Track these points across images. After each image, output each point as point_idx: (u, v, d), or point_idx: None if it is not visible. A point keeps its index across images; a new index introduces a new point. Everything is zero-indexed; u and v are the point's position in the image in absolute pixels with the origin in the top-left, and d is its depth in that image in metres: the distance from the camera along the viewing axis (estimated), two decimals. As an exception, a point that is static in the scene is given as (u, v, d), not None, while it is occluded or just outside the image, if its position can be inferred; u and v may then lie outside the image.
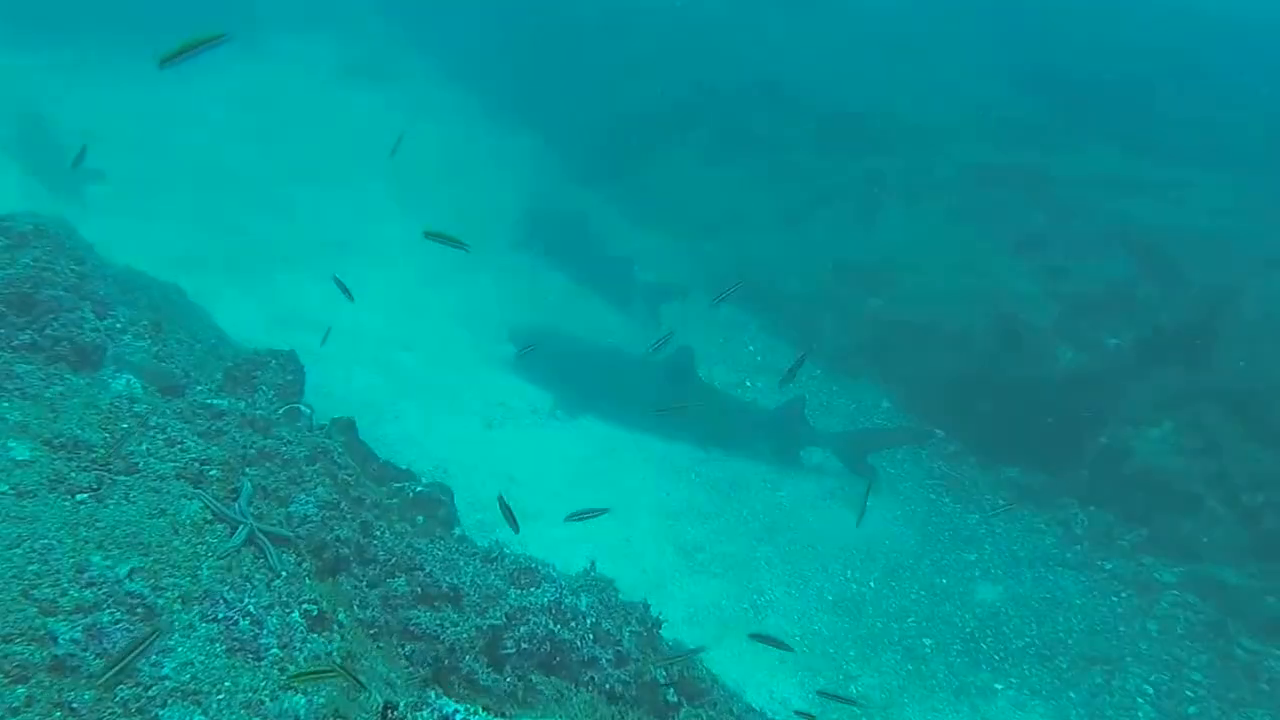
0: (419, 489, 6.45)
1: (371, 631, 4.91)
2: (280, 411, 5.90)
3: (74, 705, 3.57)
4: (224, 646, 3.92)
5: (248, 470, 5.12)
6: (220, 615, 4.00)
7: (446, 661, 5.03)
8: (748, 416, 12.92)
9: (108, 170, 16.10)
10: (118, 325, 6.23)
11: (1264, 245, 13.94)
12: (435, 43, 24.77)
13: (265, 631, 4.03)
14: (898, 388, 14.22)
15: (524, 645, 5.20)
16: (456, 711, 4.38)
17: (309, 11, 25.21)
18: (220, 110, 20.13)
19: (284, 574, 4.33)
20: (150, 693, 3.68)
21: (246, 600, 4.09)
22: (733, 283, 9.71)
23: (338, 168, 18.38)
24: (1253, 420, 12.12)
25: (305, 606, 4.24)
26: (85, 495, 4.38)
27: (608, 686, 5.39)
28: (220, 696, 3.75)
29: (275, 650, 4.00)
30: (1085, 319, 13.26)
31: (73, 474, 4.47)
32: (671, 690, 5.65)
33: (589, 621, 5.45)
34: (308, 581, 4.47)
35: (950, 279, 14.48)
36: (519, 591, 5.40)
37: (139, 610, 3.92)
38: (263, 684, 3.86)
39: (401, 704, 4.14)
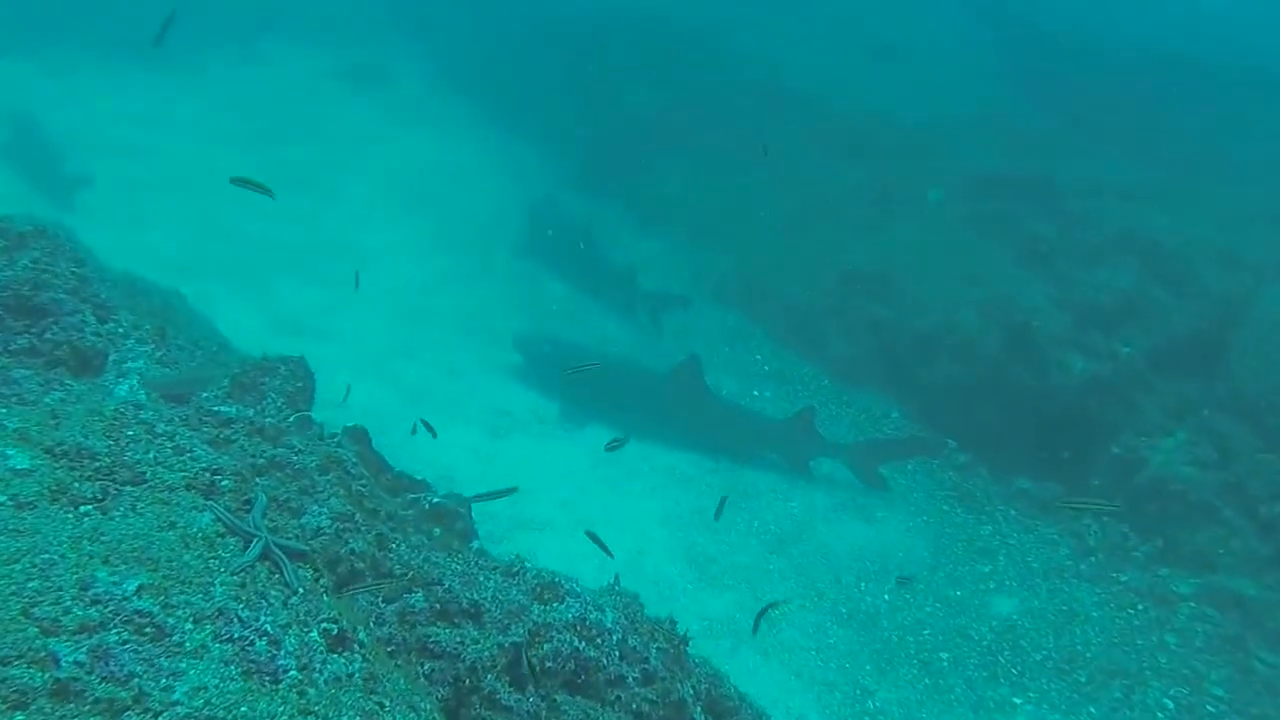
0: (435, 500, 6.20)
1: (389, 649, 4.66)
2: (291, 419, 5.65)
3: (78, 732, 3.31)
4: (239, 669, 3.65)
5: (258, 480, 4.87)
6: (235, 635, 3.73)
7: (467, 681, 4.79)
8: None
9: (101, 175, 15.89)
10: (120, 330, 5.98)
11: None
12: (432, 49, 24.63)
13: (283, 652, 3.76)
14: (906, 398, 14.05)
15: (548, 663, 4.96)
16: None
17: (305, 18, 25.05)
18: (216, 116, 19.95)
19: (301, 590, 4.08)
20: None
21: (262, 618, 3.82)
22: (591, 361, 9.94)
23: (335, 173, 18.20)
24: (1268, 430, 11.99)
25: (324, 625, 3.98)
26: (89, 506, 4.12)
27: (634, 706, 5.15)
28: (235, 723, 3.50)
29: (294, 672, 3.73)
30: (1096, 328, 13.09)
31: (76, 484, 4.21)
32: (699, 709, 5.41)
33: (615, 638, 5.20)
34: (325, 598, 4.22)
35: (959, 288, 14.30)
36: (542, 607, 5.15)
37: (148, 630, 3.66)
38: (281, 709, 3.60)
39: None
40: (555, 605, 5.21)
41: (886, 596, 10.71)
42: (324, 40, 24.58)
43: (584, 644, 5.09)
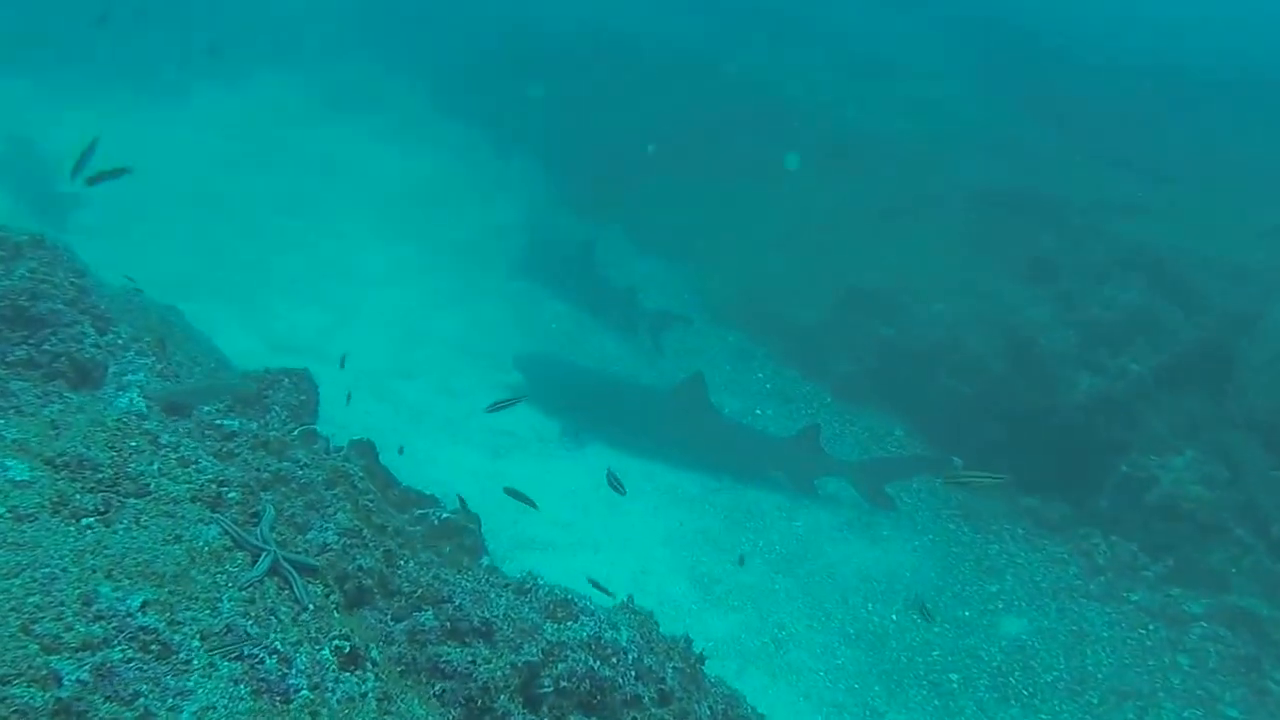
0: (444, 515, 6.04)
1: (399, 669, 4.50)
2: (295, 433, 5.50)
3: (80, 755, 3.15)
4: (249, 688, 3.50)
5: (264, 494, 4.72)
6: (244, 652, 3.59)
7: (479, 702, 4.62)
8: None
9: (93, 195, 15.72)
10: (119, 341, 5.82)
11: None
12: (426, 71, 24.56)
13: (294, 671, 3.61)
14: (910, 415, 13.91)
15: (563, 683, 4.79)
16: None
17: (297, 43, 24.97)
18: (208, 140, 19.80)
19: (311, 606, 3.93)
20: (166, 740, 3.26)
21: (272, 636, 3.68)
22: (516, 395, 9.84)
23: (330, 195, 18.07)
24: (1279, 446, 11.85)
25: (336, 642, 3.83)
26: (92, 519, 3.97)
27: (651, 728, 4.98)
28: (244, 744, 3.34)
29: (305, 692, 3.58)
30: (1103, 345, 12.97)
31: (77, 496, 4.06)
32: (717, 731, 5.26)
33: (630, 657, 5.04)
34: (336, 615, 4.07)
35: (962, 304, 14.20)
36: (555, 626, 5.00)
37: (153, 647, 3.51)
38: (292, 729, 3.46)
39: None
40: (569, 624, 5.06)
41: (894, 617, 10.53)
42: (316, 65, 24.49)
43: (599, 663, 4.93)
